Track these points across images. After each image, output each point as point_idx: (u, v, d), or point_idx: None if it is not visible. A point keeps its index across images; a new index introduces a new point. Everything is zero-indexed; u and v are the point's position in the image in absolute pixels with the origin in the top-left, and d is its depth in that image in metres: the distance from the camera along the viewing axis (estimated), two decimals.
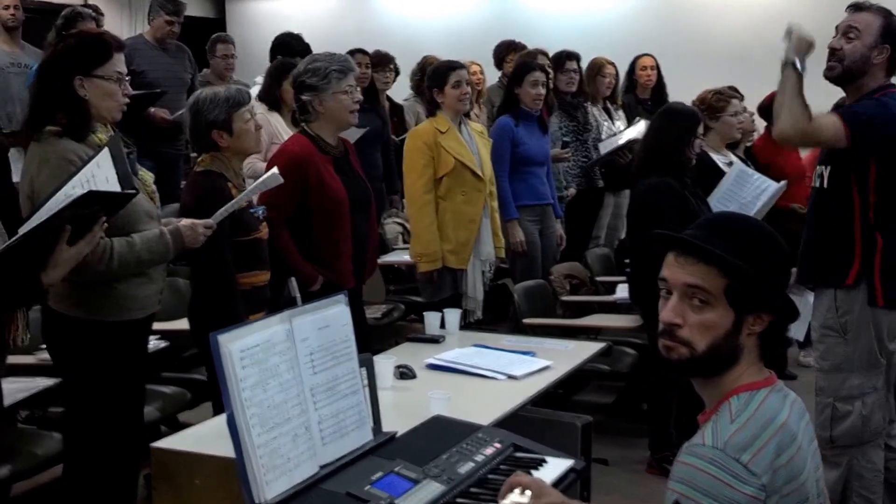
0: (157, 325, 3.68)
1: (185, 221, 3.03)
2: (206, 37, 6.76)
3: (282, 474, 1.94)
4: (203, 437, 2.38)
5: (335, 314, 2.17)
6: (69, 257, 2.28)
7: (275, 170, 3.26)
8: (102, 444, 3.00)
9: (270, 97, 5.17)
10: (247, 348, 1.91)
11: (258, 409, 1.91)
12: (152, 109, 5.91)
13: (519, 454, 2.32)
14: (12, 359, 3.44)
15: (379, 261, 5.46)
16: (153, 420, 3.77)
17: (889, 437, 3.42)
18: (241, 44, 6.72)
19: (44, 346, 3.16)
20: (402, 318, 5.76)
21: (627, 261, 4.61)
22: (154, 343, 3.61)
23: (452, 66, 4.74)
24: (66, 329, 2.95)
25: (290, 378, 2.00)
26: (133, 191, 2.43)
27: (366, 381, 2.27)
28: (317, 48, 5.60)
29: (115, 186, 2.42)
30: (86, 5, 7.13)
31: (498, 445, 2.30)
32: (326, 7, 10.55)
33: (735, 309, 1.69)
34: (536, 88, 5.22)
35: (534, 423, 3.23)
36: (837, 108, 3.86)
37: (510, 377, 3.13)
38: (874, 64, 3.28)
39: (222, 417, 1.98)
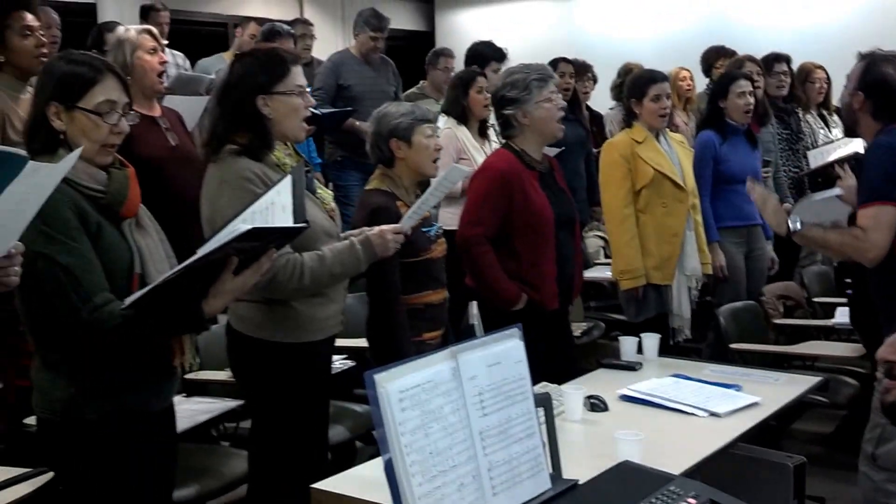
0: (348, 342, 3.66)
1: (374, 229, 2.95)
2: (416, 49, 6.77)
3: None
4: (367, 479, 2.23)
5: (507, 349, 1.97)
6: (233, 287, 2.21)
7: (453, 164, 3.15)
8: (286, 465, 2.95)
9: (456, 109, 5.06)
10: (406, 388, 1.74)
11: (419, 455, 1.73)
12: (357, 123, 5.97)
13: None
14: (204, 374, 3.48)
15: None
16: (346, 439, 3.73)
17: None
18: None
19: None
20: (602, 337, 5.53)
21: (849, 280, 4.20)
22: (340, 363, 3.56)
23: (653, 77, 4.49)
24: (248, 350, 2.93)
25: (455, 421, 1.82)
26: (303, 224, 2.34)
27: (543, 422, 2.06)
28: (522, 57, 5.46)
29: (288, 216, 2.33)
30: (299, 20, 7.32)
31: (692, 502, 2.03)
32: (533, 16, 10.41)
33: None
34: (744, 99, 4.86)
35: (740, 462, 2.96)
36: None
37: (712, 414, 2.84)
38: (856, 110, 3.14)
39: None
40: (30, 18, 3.58)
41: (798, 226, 3.23)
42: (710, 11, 9.34)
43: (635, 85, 4.50)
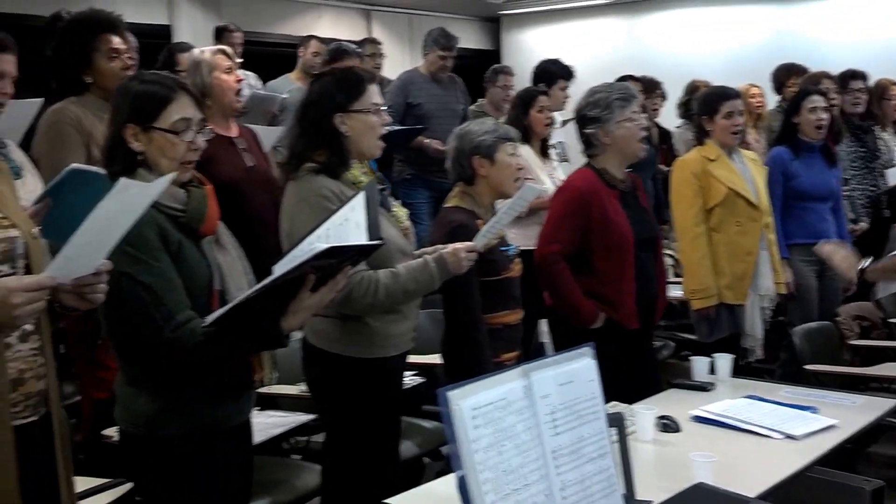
0: (416, 359, 3.68)
1: (448, 247, 2.98)
2: (482, 68, 6.80)
3: None
4: (439, 495, 2.25)
5: (579, 368, 1.96)
6: (310, 305, 2.25)
7: (528, 182, 3.16)
8: (359, 480, 2.98)
9: (518, 128, 5.07)
10: (480, 406, 1.74)
11: (492, 473, 1.74)
12: (426, 140, 6.02)
13: None
14: (276, 388, 3.53)
15: None
16: (415, 455, 3.75)
17: None
18: (518, 73, 6.72)
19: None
20: (672, 356, 5.49)
21: None
22: (409, 380, 3.58)
23: (726, 94, 4.44)
24: (323, 364, 2.98)
25: (528, 439, 1.82)
26: (379, 241, 2.37)
27: (616, 442, 2.05)
28: (589, 74, 5.47)
29: (362, 233, 2.36)
30: (368, 40, 7.40)
31: None
32: (599, 33, 10.38)
33: None
34: (816, 114, 4.79)
35: (816, 486, 2.89)
36: None
37: (788, 436, 2.80)
38: None
39: None
40: (116, 41, 3.65)
41: (866, 264, 3.21)
42: (780, 27, 9.20)
43: (707, 102, 4.47)
